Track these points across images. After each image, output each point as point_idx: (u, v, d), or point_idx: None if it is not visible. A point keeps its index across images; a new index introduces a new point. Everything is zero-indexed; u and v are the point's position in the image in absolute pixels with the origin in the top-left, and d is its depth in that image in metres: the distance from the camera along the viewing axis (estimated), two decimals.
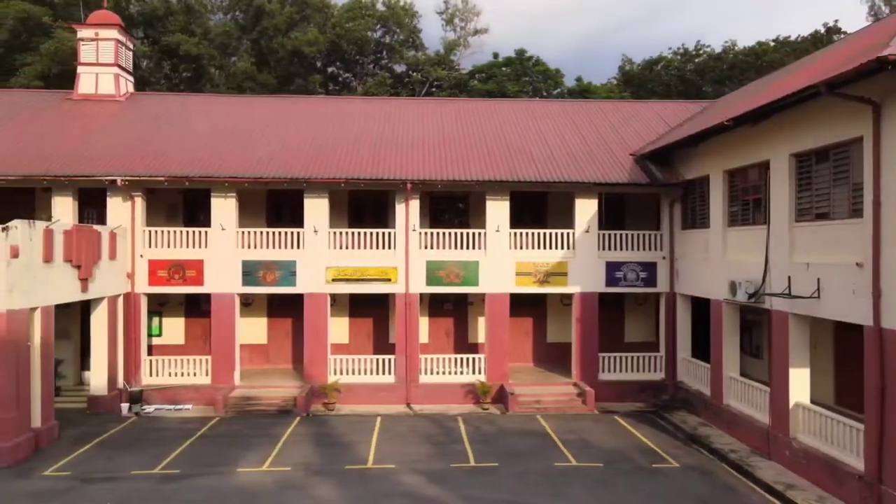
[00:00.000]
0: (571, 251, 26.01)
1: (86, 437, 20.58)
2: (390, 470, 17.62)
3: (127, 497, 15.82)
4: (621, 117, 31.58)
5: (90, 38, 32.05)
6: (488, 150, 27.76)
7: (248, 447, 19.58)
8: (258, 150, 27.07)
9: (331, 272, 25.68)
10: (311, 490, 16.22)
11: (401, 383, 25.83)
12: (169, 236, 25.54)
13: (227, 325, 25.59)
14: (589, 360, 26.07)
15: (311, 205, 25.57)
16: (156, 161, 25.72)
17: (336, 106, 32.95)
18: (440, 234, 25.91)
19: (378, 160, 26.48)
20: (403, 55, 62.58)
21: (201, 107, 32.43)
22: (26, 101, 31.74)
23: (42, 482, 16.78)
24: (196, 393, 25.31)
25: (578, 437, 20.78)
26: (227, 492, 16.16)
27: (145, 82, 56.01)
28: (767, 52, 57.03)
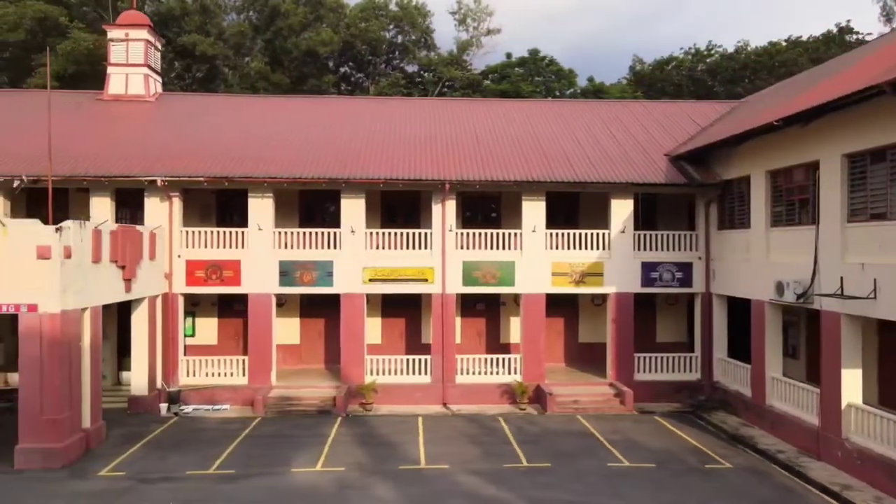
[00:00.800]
0: (607, 251, 26.04)
1: (132, 437, 20.62)
2: (445, 470, 17.66)
3: (188, 497, 15.85)
4: (650, 117, 31.62)
5: (120, 39, 32.10)
6: (522, 151, 27.79)
7: (297, 447, 19.61)
8: (294, 151, 27.10)
9: (367, 272, 25.71)
10: (370, 490, 16.25)
11: (437, 383, 25.86)
12: (206, 236, 25.57)
13: (264, 326, 25.62)
14: (624, 361, 26.10)
15: (348, 205, 25.60)
16: (193, 161, 25.73)
17: (367, 106, 32.98)
18: (476, 234, 25.94)
19: (415, 160, 26.52)
20: (416, 55, 62.61)
21: (230, 107, 32.49)
22: (56, 102, 31.60)
23: (99, 482, 16.82)
24: (233, 393, 25.35)
25: (623, 437, 20.81)
26: (287, 491, 16.20)
27: None
28: (781, 52, 56.89)
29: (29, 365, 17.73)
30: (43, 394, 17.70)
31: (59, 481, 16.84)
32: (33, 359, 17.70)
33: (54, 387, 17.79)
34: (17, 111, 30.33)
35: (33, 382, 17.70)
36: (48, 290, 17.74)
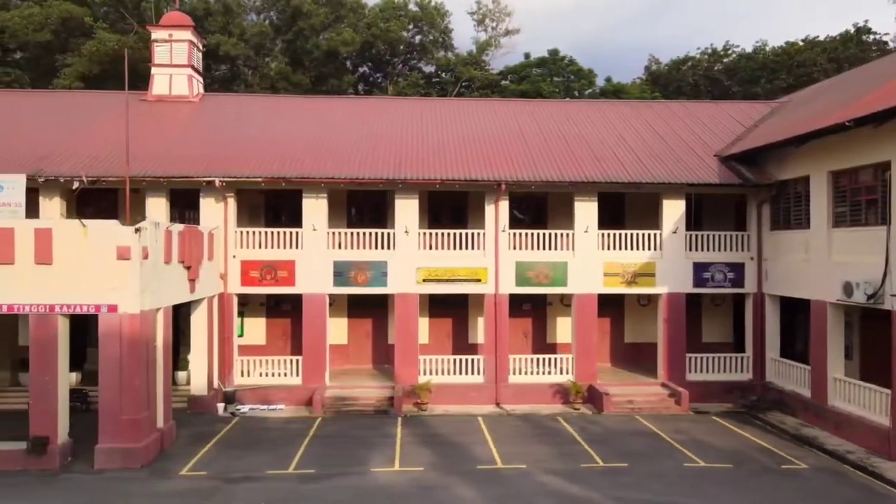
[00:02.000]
0: (658, 252, 26.13)
1: (200, 436, 20.71)
2: (522, 470, 17.74)
3: (275, 497, 15.93)
4: (693, 118, 31.69)
5: (164, 40, 32.19)
6: (571, 151, 27.88)
7: (368, 447, 19.71)
8: (347, 151, 27.21)
9: (421, 273, 25.80)
10: (454, 490, 16.33)
11: (490, 383, 25.95)
12: (260, 237, 25.66)
13: (318, 326, 25.71)
14: (676, 361, 26.18)
15: (402, 205, 25.69)
16: (249, 162, 25.83)
17: (411, 106, 33.05)
18: (529, 234, 26.02)
19: (468, 160, 26.63)
20: (434, 55, 62.70)
21: (274, 107, 32.54)
22: (101, 102, 31.84)
23: (183, 482, 16.91)
24: (288, 393, 25.44)
25: (689, 437, 20.89)
26: (372, 491, 16.28)
27: None
28: (800, 53, 56.85)
29: (109, 365, 17.82)
30: (122, 394, 17.79)
31: (142, 481, 16.92)
32: (113, 359, 17.80)
33: (134, 387, 17.88)
34: (64, 112, 30.43)
35: (113, 382, 17.79)
36: (128, 290, 17.83)
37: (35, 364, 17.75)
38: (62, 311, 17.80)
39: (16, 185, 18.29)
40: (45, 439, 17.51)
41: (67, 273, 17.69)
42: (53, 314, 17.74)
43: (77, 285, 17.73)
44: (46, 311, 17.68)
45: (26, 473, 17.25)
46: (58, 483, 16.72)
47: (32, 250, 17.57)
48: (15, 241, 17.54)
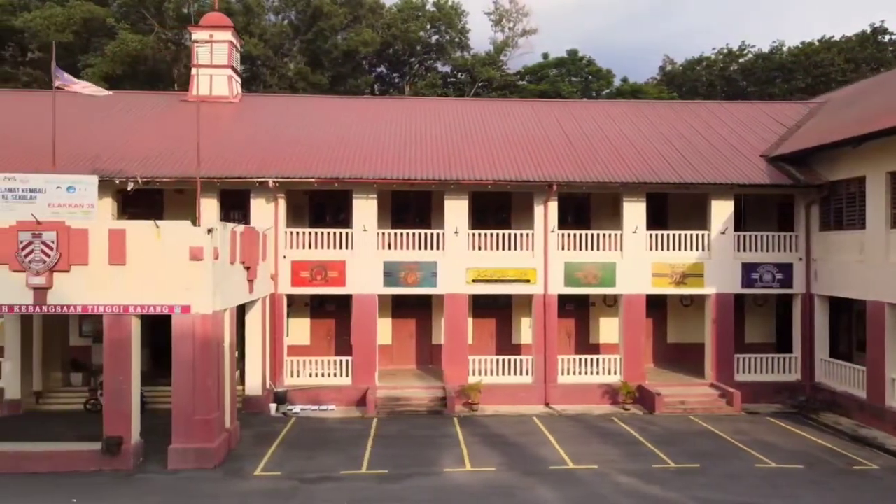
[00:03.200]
0: (707, 252, 26.18)
1: (262, 437, 20.75)
2: (596, 471, 17.78)
3: (359, 497, 15.97)
4: (733, 118, 31.75)
5: (204, 41, 32.22)
6: (618, 151, 27.93)
7: (434, 448, 19.76)
8: (393, 151, 27.27)
9: (471, 273, 25.85)
10: (534, 491, 16.36)
11: (539, 383, 26.00)
12: (311, 237, 25.68)
13: (368, 327, 25.75)
14: (724, 361, 26.23)
15: (452, 206, 25.75)
16: (298, 162, 25.91)
17: (450, 106, 33.06)
18: (578, 235, 26.06)
19: (517, 161, 26.69)
20: (451, 56, 62.77)
21: (311, 107, 32.56)
22: (141, 103, 31.92)
23: (261, 482, 16.94)
24: (338, 393, 25.48)
25: (750, 438, 20.94)
26: (451, 492, 16.33)
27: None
28: (817, 53, 56.84)
29: (182, 366, 17.85)
30: (195, 394, 17.82)
31: (220, 481, 16.96)
32: (186, 360, 17.82)
33: (206, 387, 17.91)
34: (110, 112, 30.43)
35: (186, 383, 17.81)
36: (201, 290, 17.86)
37: (109, 365, 17.76)
38: (136, 312, 17.83)
39: (88, 186, 18.33)
40: (119, 439, 17.53)
41: (140, 274, 17.71)
42: (127, 315, 17.76)
43: (150, 286, 17.75)
44: (120, 312, 17.70)
45: (101, 474, 17.28)
46: (137, 483, 16.75)
47: (106, 251, 17.58)
48: (89, 242, 17.54)
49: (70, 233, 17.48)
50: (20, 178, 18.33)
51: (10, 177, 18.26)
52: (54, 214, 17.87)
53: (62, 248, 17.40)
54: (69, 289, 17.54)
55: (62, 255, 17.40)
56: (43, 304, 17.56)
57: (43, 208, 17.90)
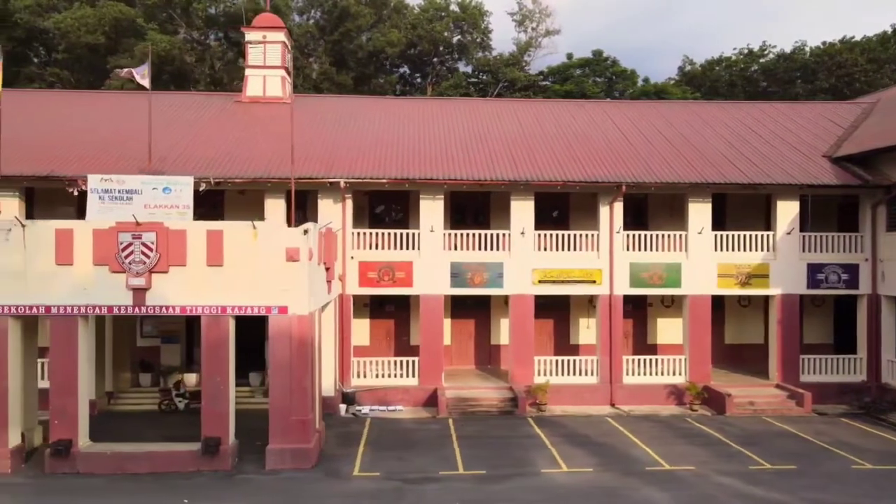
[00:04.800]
0: (772, 253, 26.21)
1: (345, 437, 20.78)
2: (694, 472, 17.80)
3: (469, 498, 15.98)
4: (787, 118, 31.79)
5: (257, 41, 32.24)
6: (679, 152, 27.97)
7: (521, 448, 19.81)
8: (456, 151, 27.33)
9: (537, 274, 25.88)
10: (641, 492, 16.36)
11: (604, 384, 26.02)
12: (378, 238, 25.69)
13: (435, 327, 25.78)
14: (790, 362, 26.25)
15: (518, 207, 25.79)
16: (365, 163, 25.95)
17: (504, 107, 33.06)
18: (644, 235, 26.08)
19: (581, 161, 26.72)
20: (474, 56, 62.84)
21: (365, 108, 32.58)
22: (196, 104, 31.94)
23: (364, 483, 16.96)
24: (405, 394, 25.50)
25: (832, 438, 20.97)
26: (558, 492, 16.35)
27: (217, 82, 56.43)
28: (840, 53, 56.82)
29: (279, 367, 17.87)
30: (292, 395, 17.83)
31: (321, 482, 16.98)
32: (283, 360, 17.84)
33: (303, 388, 17.93)
34: (165, 113, 30.39)
35: (283, 384, 17.84)
36: (298, 291, 17.88)
37: (207, 365, 17.78)
38: (233, 313, 17.84)
39: (184, 187, 18.34)
40: (217, 440, 17.55)
41: (237, 275, 17.73)
42: (225, 315, 17.78)
43: (246, 287, 17.76)
44: (218, 313, 17.71)
45: (201, 474, 17.29)
46: (241, 484, 16.76)
47: (204, 252, 17.61)
48: (187, 243, 17.56)
49: (168, 234, 17.52)
50: (117, 179, 18.34)
51: (107, 178, 18.28)
52: (150, 216, 17.87)
53: (161, 249, 17.43)
54: (167, 290, 17.56)
55: (161, 257, 17.43)
56: (142, 305, 17.59)
57: (139, 209, 17.90)
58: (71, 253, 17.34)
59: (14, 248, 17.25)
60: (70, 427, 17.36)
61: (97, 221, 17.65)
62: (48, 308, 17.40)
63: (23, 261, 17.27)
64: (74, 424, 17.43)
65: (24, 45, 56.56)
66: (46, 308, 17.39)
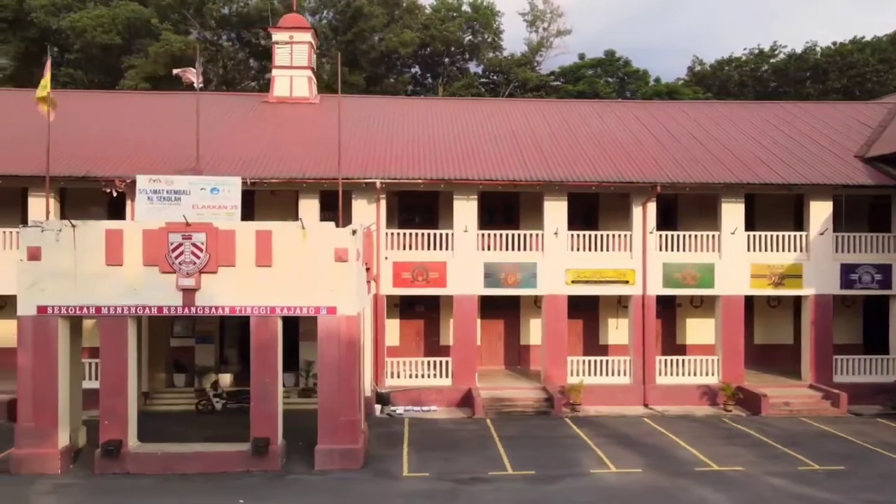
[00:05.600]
0: (805, 253, 26.20)
1: (386, 438, 20.76)
2: (743, 472, 17.78)
3: (524, 498, 15.96)
4: (815, 119, 31.83)
5: (284, 42, 32.25)
6: (712, 152, 27.98)
7: (566, 448, 19.84)
8: (488, 151, 27.37)
9: (570, 274, 25.88)
10: (694, 492, 16.35)
11: (637, 384, 26.02)
12: (411, 238, 25.67)
13: (469, 327, 25.79)
14: (823, 363, 26.26)
15: (552, 207, 25.80)
16: (400, 163, 25.98)
17: (531, 107, 33.15)
18: (676, 236, 26.07)
19: (614, 162, 26.74)
20: (485, 56, 62.85)
21: (392, 109, 32.58)
22: (223, 104, 31.91)
23: (415, 483, 16.94)
24: (439, 394, 25.51)
25: (875, 439, 20.98)
26: (612, 492, 16.36)
27: (229, 82, 56.48)
28: (852, 54, 56.81)
29: (327, 367, 17.87)
30: (340, 395, 17.83)
31: (372, 482, 16.96)
32: (332, 361, 17.84)
33: (351, 388, 17.93)
34: (192, 113, 30.37)
35: (332, 384, 17.82)
36: (346, 292, 17.88)
37: (256, 366, 17.76)
38: (282, 313, 17.83)
39: (232, 188, 18.33)
40: (266, 440, 17.54)
41: (286, 275, 17.71)
42: (273, 316, 17.76)
43: (295, 287, 17.75)
44: (267, 313, 17.70)
45: (251, 474, 17.27)
46: (294, 484, 16.75)
47: (254, 252, 17.59)
48: (236, 243, 17.55)
49: (218, 234, 17.50)
50: (165, 179, 18.33)
51: (156, 178, 18.27)
52: (199, 216, 17.86)
53: (211, 250, 17.41)
54: (217, 290, 17.54)
55: (211, 257, 17.40)
56: (191, 306, 17.57)
57: (187, 210, 17.87)
58: (121, 253, 17.31)
59: (64, 248, 17.23)
60: (120, 427, 17.34)
61: (147, 222, 17.64)
62: (98, 308, 17.36)
63: (73, 261, 17.25)
64: (124, 425, 17.41)
65: (37, 44, 56.55)
66: (97, 308, 17.35)
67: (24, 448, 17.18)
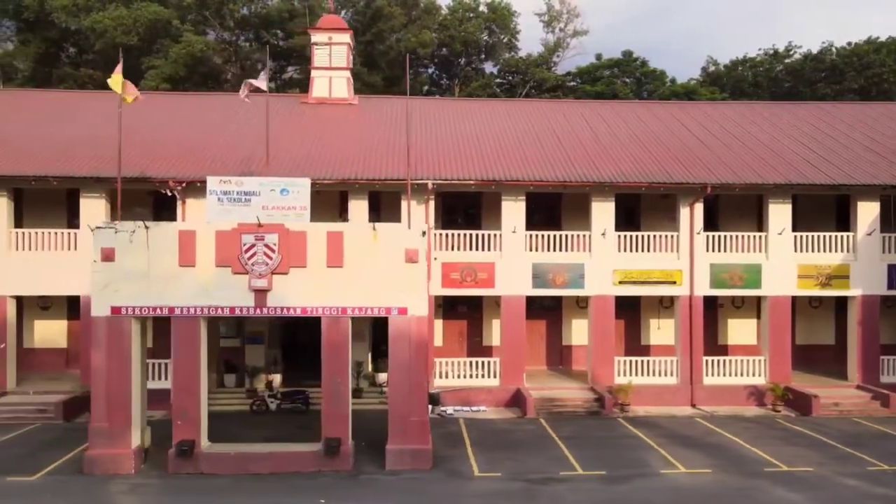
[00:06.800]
0: (852, 254, 26.25)
1: (446, 438, 20.80)
2: (815, 473, 17.80)
3: (601, 498, 16.05)
4: (851, 118, 32.03)
5: (323, 43, 32.28)
6: (756, 153, 28.07)
7: (629, 448, 19.90)
8: (536, 152, 27.43)
9: (618, 275, 25.92)
10: (770, 493, 16.37)
11: (685, 384, 26.07)
12: (460, 239, 25.70)
13: (517, 328, 25.83)
14: (870, 363, 26.31)
15: (599, 208, 25.86)
16: (448, 163, 26.02)
17: (569, 108, 33.26)
18: (723, 237, 26.11)
19: (659, 162, 26.80)
20: (502, 56, 62.92)
21: (431, 109, 32.60)
22: (262, 104, 31.80)
23: (489, 483, 16.98)
24: (487, 395, 25.56)
25: None
26: (688, 493, 16.40)
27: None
28: (869, 54, 56.86)
29: (398, 368, 17.92)
30: (411, 395, 17.89)
31: (447, 482, 17.02)
32: (403, 361, 17.89)
33: (422, 388, 18.01)
34: (234, 113, 30.48)
35: (403, 384, 17.88)
36: (417, 292, 17.94)
37: (327, 366, 17.82)
38: (353, 314, 17.89)
39: (301, 188, 18.35)
40: (338, 440, 17.58)
41: (356, 276, 17.77)
42: (344, 316, 17.80)
43: (366, 288, 17.81)
44: (339, 314, 17.74)
45: (323, 474, 17.32)
46: (371, 484, 16.79)
47: (325, 253, 17.65)
48: (307, 244, 17.59)
49: (289, 235, 17.55)
50: (235, 180, 18.36)
51: (226, 180, 18.30)
52: (269, 217, 17.89)
53: (282, 251, 17.46)
54: (288, 291, 17.59)
55: (283, 258, 17.44)
56: (263, 307, 17.62)
57: (257, 211, 17.90)
58: (193, 254, 17.36)
59: (137, 249, 17.28)
60: (193, 427, 17.40)
61: (219, 223, 17.68)
62: (171, 309, 17.41)
63: (146, 262, 17.29)
64: (197, 425, 17.47)
65: (56, 45, 56.67)
66: (170, 309, 17.40)
67: (97, 448, 17.23)
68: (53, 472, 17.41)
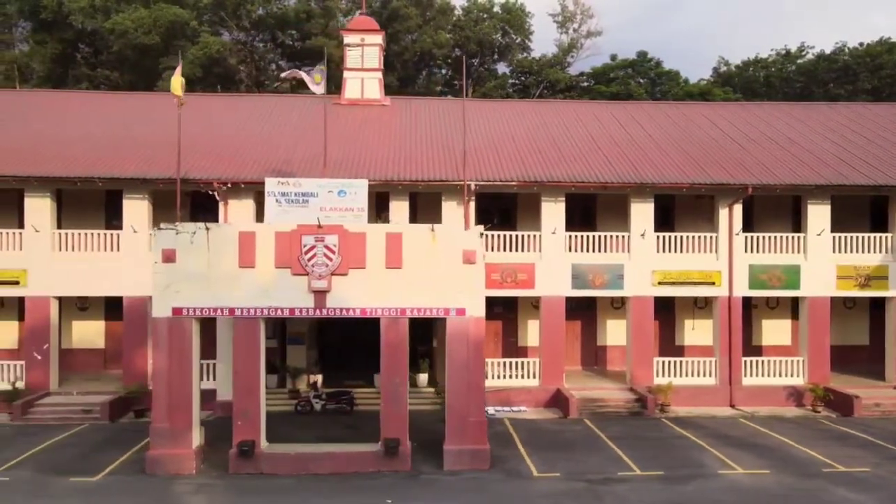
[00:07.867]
0: (890, 254, 26.29)
1: (498, 438, 20.66)
2: (870, 473, 17.81)
3: (662, 499, 16.09)
4: (881, 118, 32.13)
5: (356, 44, 32.33)
6: (790, 153, 28.17)
7: (680, 449, 19.99)
8: (573, 154, 27.47)
9: (657, 275, 25.98)
10: (834, 493, 16.39)
11: (723, 385, 26.11)
12: (500, 240, 25.75)
13: (557, 328, 25.91)
14: None
15: (638, 209, 25.90)
16: (488, 164, 26.09)
17: (599, 109, 33.26)
18: (762, 237, 26.17)
19: (697, 163, 26.88)
20: (516, 57, 62.99)
21: (461, 110, 32.51)
22: (296, 107, 32.02)
23: (550, 483, 17.06)
24: (528, 395, 25.64)
25: None
26: (751, 494, 16.46)
27: (260, 85, 56.61)
28: (881, 54, 56.93)
29: (456, 368, 18.00)
30: (469, 396, 17.97)
31: (507, 482, 17.11)
32: (461, 362, 17.97)
33: (480, 389, 18.09)
34: (268, 115, 30.56)
35: (461, 385, 17.95)
36: (474, 293, 18.07)
37: (386, 367, 17.88)
38: (412, 315, 17.96)
39: (359, 190, 18.44)
40: (397, 441, 17.64)
41: (414, 277, 17.86)
42: (403, 317, 17.86)
43: (424, 289, 17.90)
44: (397, 315, 17.80)
45: (383, 475, 17.40)
46: (432, 484, 16.88)
47: (383, 254, 17.71)
48: (366, 245, 17.65)
49: (348, 236, 17.61)
50: (293, 182, 18.45)
51: (284, 181, 18.39)
52: (326, 219, 17.96)
53: (342, 252, 17.52)
54: (347, 292, 17.66)
55: (342, 259, 17.50)
56: (322, 308, 17.68)
57: (315, 212, 17.98)
58: (253, 255, 17.43)
59: (198, 250, 17.34)
60: (253, 428, 17.47)
61: (279, 224, 17.76)
62: (231, 310, 17.48)
63: (206, 263, 17.35)
64: (257, 425, 17.54)
65: (72, 46, 56.77)
66: (230, 310, 17.47)
67: (159, 448, 17.29)
68: (114, 472, 17.48)
